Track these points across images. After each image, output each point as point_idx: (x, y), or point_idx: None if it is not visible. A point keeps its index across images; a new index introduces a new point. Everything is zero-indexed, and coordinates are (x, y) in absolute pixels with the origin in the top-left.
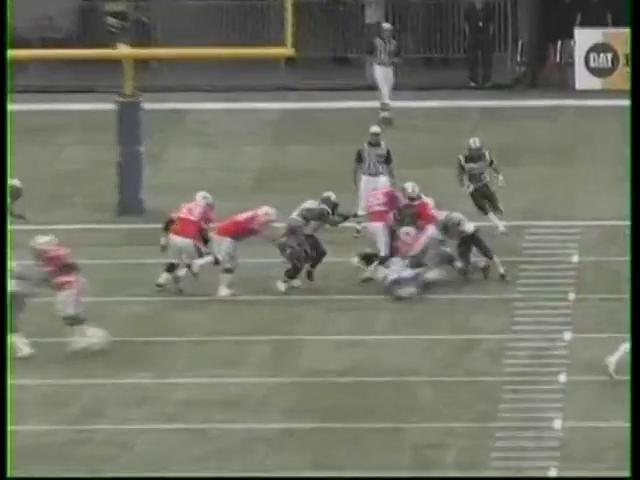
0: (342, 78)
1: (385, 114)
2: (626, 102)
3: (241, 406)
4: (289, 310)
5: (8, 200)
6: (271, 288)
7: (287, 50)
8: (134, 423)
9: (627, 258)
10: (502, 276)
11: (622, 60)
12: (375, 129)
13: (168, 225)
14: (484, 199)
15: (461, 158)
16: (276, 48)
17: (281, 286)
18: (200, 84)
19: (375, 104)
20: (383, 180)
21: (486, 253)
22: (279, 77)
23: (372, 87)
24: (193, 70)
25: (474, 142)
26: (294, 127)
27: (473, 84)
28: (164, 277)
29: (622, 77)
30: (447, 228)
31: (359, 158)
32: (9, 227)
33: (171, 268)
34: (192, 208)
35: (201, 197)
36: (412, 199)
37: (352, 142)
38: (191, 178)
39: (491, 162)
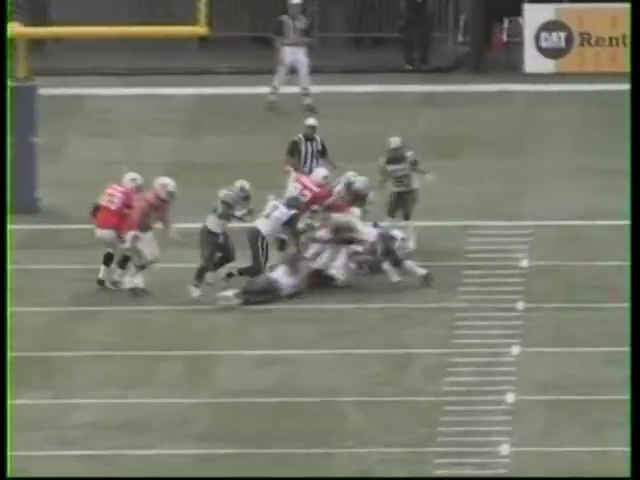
0: (262, 60)
1: (308, 100)
2: (582, 86)
3: (150, 430)
4: (202, 321)
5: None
6: (182, 296)
7: (200, 29)
8: (29, 448)
9: (583, 263)
10: (425, 279)
11: (577, 39)
12: (311, 121)
13: (95, 212)
14: (399, 206)
15: (382, 160)
16: (188, 26)
17: (195, 292)
18: (102, 67)
19: (297, 90)
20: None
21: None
22: (191, 59)
23: (293, 70)
24: (94, 51)
25: (392, 142)
26: (207, 115)
27: (409, 67)
28: (102, 271)
29: (577, 58)
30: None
31: (293, 151)
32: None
33: (108, 260)
34: (113, 194)
35: (129, 179)
36: (356, 196)
37: (273, 132)
38: (93, 172)
39: (414, 163)
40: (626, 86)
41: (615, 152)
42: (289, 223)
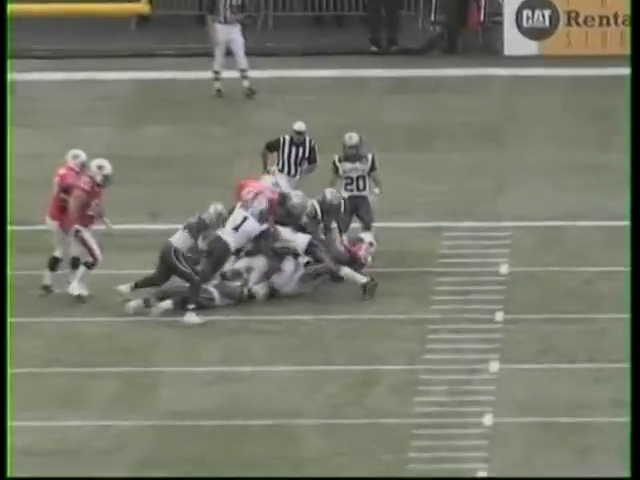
0: (208, 41)
1: (246, 83)
2: (568, 71)
3: (82, 455)
4: (142, 333)
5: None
6: (118, 306)
7: (141, 6)
8: None
9: (568, 268)
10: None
11: (563, 18)
12: (299, 126)
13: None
14: (350, 214)
15: (336, 158)
16: (127, 4)
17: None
18: (31, 49)
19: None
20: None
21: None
22: (129, 41)
23: (229, 51)
24: (22, 32)
25: (350, 138)
26: (148, 103)
27: (375, 49)
28: (47, 277)
29: (563, 40)
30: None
31: (273, 148)
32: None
33: (53, 264)
34: (58, 175)
35: (71, 157)
36: (288, 213)
37: (223, 122)
38: (20, 167)
39: (372, 168)
40: (618, 70)
41: (603, 146)
42: (260, 237)
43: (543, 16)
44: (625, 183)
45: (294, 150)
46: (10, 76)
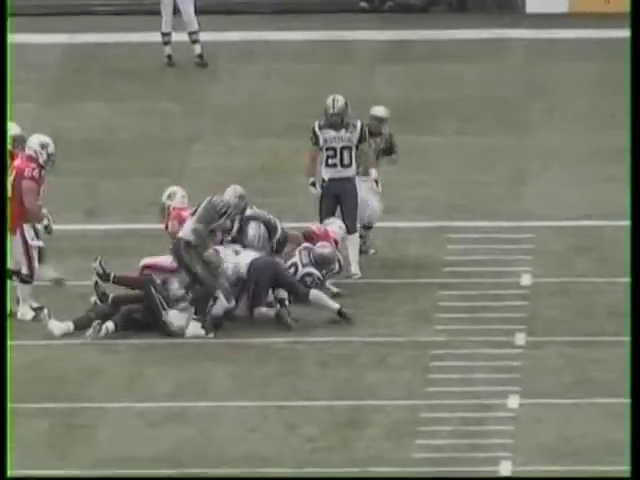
0: None
1: (198, 50)
2: (604, 33)
3: None
4: (77, 361)
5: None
6: (43, 328)
7: None
8: None
9: (603, 279)
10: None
11: None
12: (381, 111)
13: None
14: (332, 202)
15: (316, 125)
16: None
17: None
18: None
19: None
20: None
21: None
22: None
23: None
24: None
25: (334, 102)
26: (81, 73)
27: (365, 5)
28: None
29: None
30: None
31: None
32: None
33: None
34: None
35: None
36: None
37: (171, 97)
38: None
39: (361, 138)
40: None
41: None
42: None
43: None
44: None
45: (371, 142)
46: None
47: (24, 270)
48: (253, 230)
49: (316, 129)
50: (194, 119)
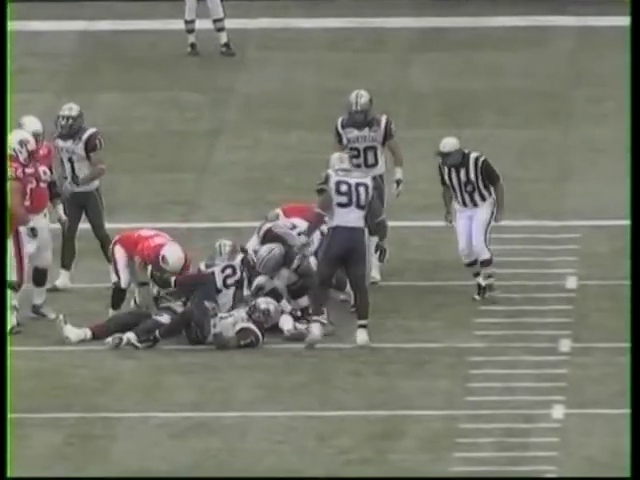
0: None
1: (224, 39)
2: None
3: None
4: (93, 369)
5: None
6: (55, 331)
7: None
8: None
9: None
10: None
11: None
12: (449, 145)
13: None
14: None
15: (339, 123)
16: None
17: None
18: None
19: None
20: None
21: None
22: None
23: None
24: None
25: (358, 98)
26: (99, 62)
27: None
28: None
29: None
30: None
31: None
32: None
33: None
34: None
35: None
36: None
37: (194, 87)
38: None
39: (387, 135)
40: None
41: None
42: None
43: None
44: None
45: (454, 175)
46: None
47: (12, 277)
48: (265, 251)
49: (339, 127)
50: (218, 111)
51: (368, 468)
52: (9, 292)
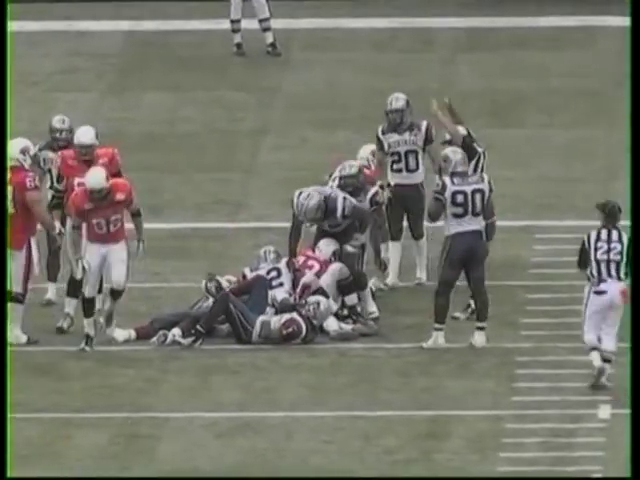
0: None
1: (270, 39)
2: None
3: None
4: (137, 369)
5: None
6: (103, 333)
7: None
8: None
9: None
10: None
11: None
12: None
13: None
14: (399, 212)
15: (379, 130)
16: None
17: (119, 334)
18: None
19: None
20: None
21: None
22: None
23: None
24: None
25: (395, 100)
26: (144, 62)
27: None
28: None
29: None
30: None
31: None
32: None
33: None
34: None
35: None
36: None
37: (240, 87)
38: None
39: (427, 139)
40: None
41: None
42: None
43: None
44: None
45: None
46: None
47: (18, 289)
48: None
49: (379, 134)
50: (264, 110)
51: (414, 468)
52: (16, 305)
